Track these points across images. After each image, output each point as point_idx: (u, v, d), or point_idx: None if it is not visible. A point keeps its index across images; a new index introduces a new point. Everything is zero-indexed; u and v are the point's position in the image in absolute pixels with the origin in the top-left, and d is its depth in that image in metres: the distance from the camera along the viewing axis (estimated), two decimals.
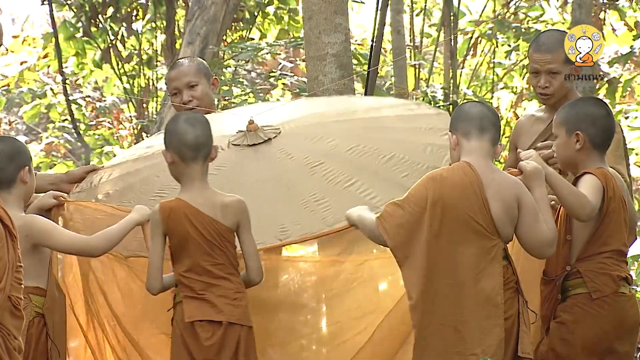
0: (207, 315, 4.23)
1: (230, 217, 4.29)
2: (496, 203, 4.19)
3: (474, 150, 4.24)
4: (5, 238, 3.74)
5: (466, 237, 4.16)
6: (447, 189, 4.17)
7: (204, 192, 4.31)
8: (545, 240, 4.24)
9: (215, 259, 4.27)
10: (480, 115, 4.29)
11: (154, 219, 4.30)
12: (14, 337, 3.77)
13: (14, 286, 3.78)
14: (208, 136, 4.33)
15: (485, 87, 11.50)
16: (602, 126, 4.46)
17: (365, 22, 15.88)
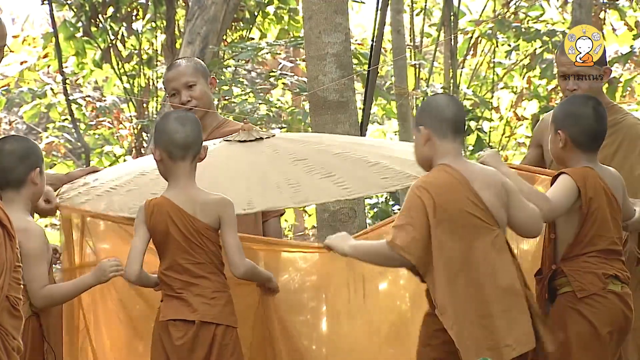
0: (180, 314, 4.24)
1: (210, 214, 4.27)
2: (486, 192, 4.19)
3: (449, 151, 4.23)
4: (3, 238, 3.73)
5: (468, 233, 4.16)
6: (437, 192, 4.16)
7: (188, 191, 4.30)
8: (535, 216, 4.25)
9: (195, 258, 4.27)
10: (455, 117, 4.26)
11: (139, 215, 4.31)
12: (12, 337, 3.77)
13: (13, 286, 3.77)
14: (197, 136, 4.33)
15: (486, 87, 11.50)
16: (586, 126, 4.43)
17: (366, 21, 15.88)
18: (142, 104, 11.19)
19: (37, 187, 4.43)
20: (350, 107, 5.92)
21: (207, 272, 4.28)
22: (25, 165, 4.39)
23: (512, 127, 11.75)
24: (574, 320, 4.37)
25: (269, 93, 10.83)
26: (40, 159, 4.44)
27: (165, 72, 5.43)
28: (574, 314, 4.37)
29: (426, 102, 4.42)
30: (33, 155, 4.42)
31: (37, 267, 4.34)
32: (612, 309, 4.39)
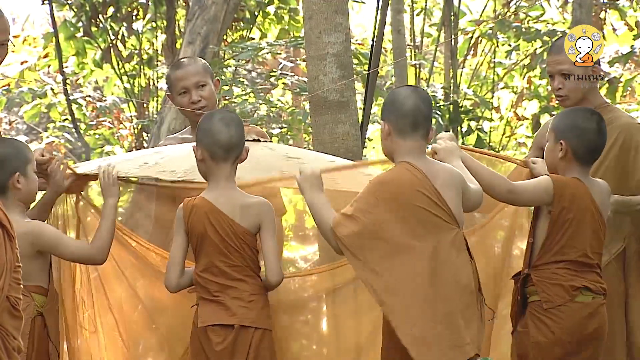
0: (219, 319, 4.22)
1: (250, 218, 4.27)
2: (448, 192, 4.21)
3: (410, 148, 4.23)
4: (2, 238, 3.73)
5: (427, 232, 4.17)
6: (396, 190, 4.17)
7: (228, 192, 4.30)
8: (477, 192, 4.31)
9: (232, 260, 4.25)
10: (413, 111, 4.24)
11: (177, 215, 4.30)
12: (13, 337, 3.77)
13: (13, 286, 3.77)
14: (241, 137, 4.32)
15: (486, 87, 11.50)
16: (588, 140, 4.46)
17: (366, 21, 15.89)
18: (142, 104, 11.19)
19: (22, 191, 4.40)
20: (351, 107, 5.92)
21: (244, 275, 4.27)
22: (4, 172, 4.37)
23: (513, 127, 11.74)
24: (538, 329, 4.41)
25: (270, 93, 10.83)
26: (21, 163, 4.38)
27: (172, 70, 5.38)
28: (539, 323, 4.42)
29: (389, 95, 4.39)
30: (11, 161, 4.38)
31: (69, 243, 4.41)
32: (577, 319, 4.42)
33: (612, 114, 4.87)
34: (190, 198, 4.31)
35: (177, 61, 5.54)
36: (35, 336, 4.38)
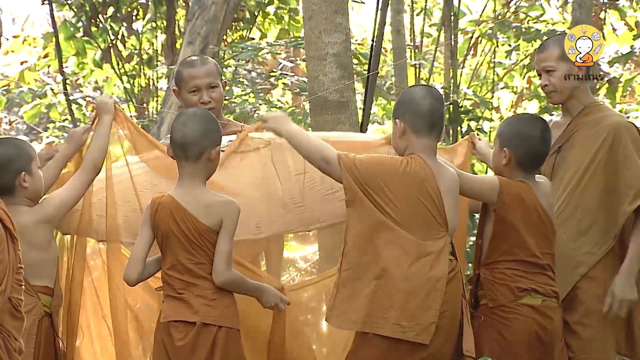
0: (181, 315, 4.24)
1: (213, 217, 4.27)
2: (448, 197, 4.32)
3: (425, 147, 4.34)
4: (5, 240, 3.74)
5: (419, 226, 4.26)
6: (402, 179, 4.27)
7: (193, 190, 4.31)
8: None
9: (196, 258, 4.27)
10: (431, 111, 4.34)
11: (146, 212, 4.33)
12: (14, 338, 3.77)
13: (15, 288, 3.78)
14: (199, 136, 4.32)
15: (486, 87, 11.49)
16: (531, 147, 4.60)
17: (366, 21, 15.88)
18: (143, 104, 11.19)
19: (29, 189, 4.45)
20: (351, 107, 5.92)
21: (207, 273, 4.28)
22: (9, 173, 4.42)
23: None
24: (487, 333, 4.51)
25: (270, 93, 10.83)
26: (25, 162, 4.43)
27: (185, 67, 5.36)
28: (488, 326, 4.51)
29: (403, 94, 4.45)
30: (15, 161, 4.43)
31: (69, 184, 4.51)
32: (525, 322, 4.51)
33: (602, 112, 4.90)
34: (159, 195, 4.33)
35: (190, 58, 5.51)
36: (42, 337, 4.39)
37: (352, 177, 4.28)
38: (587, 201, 4.80)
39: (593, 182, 4.80)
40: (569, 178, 4.84)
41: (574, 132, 4.89)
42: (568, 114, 4.95)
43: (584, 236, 4.81)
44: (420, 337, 4.22)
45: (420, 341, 4.21)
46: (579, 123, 4.89)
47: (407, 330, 4.20)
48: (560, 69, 4.86)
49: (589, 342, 4.76)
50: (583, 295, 4.78)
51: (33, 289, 4.34)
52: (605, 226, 4.80)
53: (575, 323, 4.78)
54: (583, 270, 4.78)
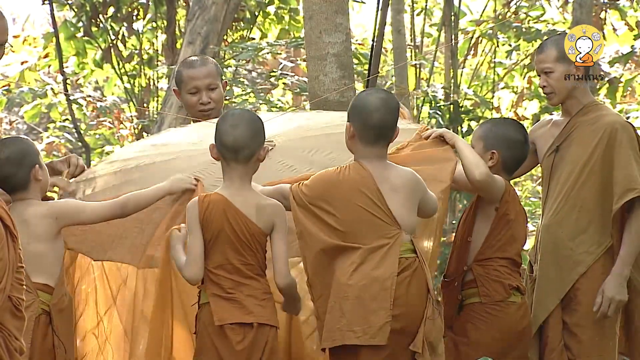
0: (237, 317, 4.19)
1: (265, 219, 4.27)
2: (394, 196, 4.29)
3: (369, 154, 4.34)
4: (5, 238, 3.74)
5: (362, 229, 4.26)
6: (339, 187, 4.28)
7: (243, 192, 4.29)
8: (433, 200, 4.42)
9: (246, 259, 4.25)
10: (380, 125, 4.32)
11: (192, 211, 4.27)
12: (15, 337, 3.77)
13: (15, 287, 3.78)
14: (249, 138, 4.28)
15: (486, 87, 11.50)
16: (518, 152, 4.74)
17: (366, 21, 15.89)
18: (143, 104, 11.19)
19: (41, 182, 4.51)
20: None
21: (256, 274, 4.27)
22: (25, 168, 4.46)
23: None
24: (476, 329, 4.56)
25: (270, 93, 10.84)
26: (36, 155, 4.51)
27: (185, 67, 5.37)
28: (478, 322, 4.57)
29: (358, 100, 4.42)
30: (28, 155, 4.48)
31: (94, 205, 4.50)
32: (512, 319, 4.58)
33: (600, 112, 4.91)
34: (205, 194, 4.30)
35: (190, 59, 5.51)
36: (39, 335, 4.39)
37: (298, 205, 4.31)
38: (584, 200, 4.81)
39: (590, 180, 4.81)
40: (566, 177, 4.85)
41: (572, 131, 4.90)
42: (567, 113, 4.96)
43: (582, 235, 4.81)
44: (375, 339, 4.17)
45: (377, 343, 4.17)
46: (577, 122, 4.90)
47: (361, 334, 4.17)
48: (557, 70, 4.86)
49: (588, 344, 4.75)
50: (582, 296, 4.78)
51: (34, 285, 4.35)
52: (602, 225, 4.80)
53: (574, 325, 4.78)
54: (582, 269, 4.79)
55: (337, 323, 4.18)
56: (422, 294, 4.27)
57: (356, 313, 4.17)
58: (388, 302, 4.18)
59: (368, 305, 4.17)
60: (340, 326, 4.17)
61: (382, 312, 4.17)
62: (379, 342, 4.15)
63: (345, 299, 4.18)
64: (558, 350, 4.76)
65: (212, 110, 5.28)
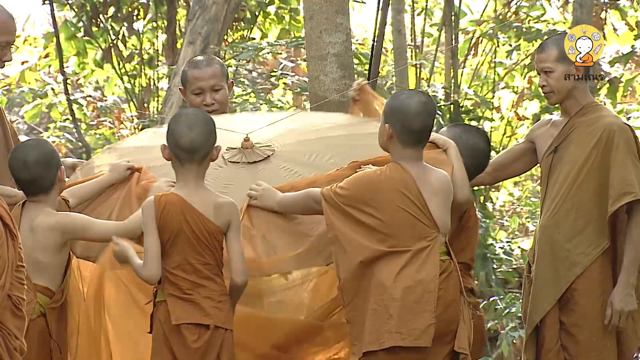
0: (194, 318, 4.22)
1: (223, 217, 4.28)
2: (433, 198, 4.32)
3: (408, 156, 4.37)
4: (5, 237, 3.73)
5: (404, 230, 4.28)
6: (380, 189, 4.29)
7: (199, 191, 4.30)
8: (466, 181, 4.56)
9: (204, 258, 4.26)
10: (422, 129, 4.37)
11: (147, 211, 4.27)
12: (15, 337, 3.77)
13: (15, 285, 3.77)
14: (206, 139, 4.30)
15: (487, 87, 11.49)
16: (479, 161, 4.81)
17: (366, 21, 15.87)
18: (143, 104, 11.18)
19: (63, 183, 4.56)
20: None
21: (213, 274, 4.28)
22: (52, 169, 4.49)
23: (513, 127, 11.73)
24: None
25: (270, 93, 10.83)
26: (58, 156, 4.55)
27: (190, 67, 5.37)
28: None
29: (397, 103, 4.43)
30: (54, 156, 4.52)
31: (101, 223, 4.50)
32: (477, 321, 4.65)
33: (598, 113, 4.91)
34: (161, 194, 4.31)
35: (196, 59, 5.53)
36: (37, 335, 4.39)
37: (332, 208, 4.31)
38: (581, 201, 4.80)
39: (587, 181, 4.80)
40: (564, 178, 4.85)
41: (570, 131, 4.90)
42: (566, 114, 4.96)
43: (578, 236, 4.81)
44: (419, 340, 4.22)
45: (421, 344, 4.22)
46: (576, 123, 4.90)
47: (406, 336, 4.21)
48: (558, 70, 4.86)
49: (585, 345, 4.76)
50: (579, 296, 4.78)
51: (32, 286, 4.35)
52: (600, 227, 4.80)
53: (571, 325, 4.78)
54: (578, 270, 4.78)
55: (384, 325, 4.21)
56: (457, 296, 4.34)
57: (402, 315, 4.21)
58: (432, 305, 4.23)
59: (413, 308, 4.21)
60: (389, 328, 4.20)
61: (426, 314, 4.22)
62: (424, 344, 4.21)
63: (392, 301, 4.21)
64: (555, 351, 4.77)
65: (217, 111, 5.28)
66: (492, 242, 9.54)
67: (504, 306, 7.83)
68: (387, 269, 4.25)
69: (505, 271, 9.19)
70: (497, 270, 9.03)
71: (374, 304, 4.24)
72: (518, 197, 13.49)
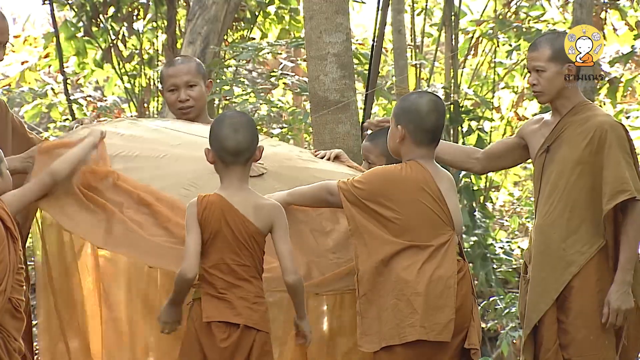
0: (225, 316, 4.23)
1: (263, 219, 4.29)
2: (451, 196, 4.44)
3: (422, 155, 4.45)
4: (6, 239, 3.74)
5: (424, 226, 4.35)
6: (402, 184, 4.36)
7: (242, 192, 4.32)
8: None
9: (242, 260, 4.27)
10: (435, 127, 4.45)
11: (190, 210, 4.29)
12: (14, 338, 3.78)
13: (15, 288, 3.79)
14: (250, 141, 4.32)
15: (486, 87, 11.49)
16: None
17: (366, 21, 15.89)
18: (143, 104, 11.19)
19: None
20: (351, 107, 5.93)
21: (250, 276, 4.29)
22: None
23: (513, 127, 11.74)
24: None
25: (270, 93, 10.83)
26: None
27: (165, 66, 5.44)
28: None
29: (409, 101, 4.49)
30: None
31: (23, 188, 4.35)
32: None
33: (589, 112, 4.88)
34: (205, 194, 4.32)
35: (172, 60, 5.56)
36: None
37: (350, 202, 4.38)
38: (575, 201, 4.80)
39: (581, 181, 4.80)
40: (557, 177, 4.84)
41: (562, 131, 4.88)
42: (558, 113, 4.94)
43: (573, 236, 4.80)
44: (441, 335, 4.30)
45: (442, 339, 4.31)
46: (567, 122, 4.88)
47: (429, 330, 4.29)
48: (549, 69, 4.85)
49: (582, 343, 4.75)
50: (575, 295, 4.78)
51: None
52: (594, 226, 4.80)
53: (569, 324, 4.78)
54: (574, 269, 4.78)
55: (407, 319, 4.28)
56: (469, 294, 4.43)
57: (426, 310, 4.29)
58: (452, 300, 4.32)
59: (435, 303, 4.30)
60: (412, 322, 4.28)
61: (447, 309, 4.31)
62: (445, 339, 4.31)
63: (416, 296, 4.28)
64: (553, 350, 4.76)
65: (192, 109, 5.29)
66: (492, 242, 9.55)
67: (503, 306, 7.83)
68: (408, 264, 4.32)
69: (505, 271, 9.20)
70: (497, 270, 9.04)
71: (394, 299, 4.30)
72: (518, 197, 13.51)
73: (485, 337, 8.72)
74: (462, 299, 4.38)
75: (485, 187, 10.46)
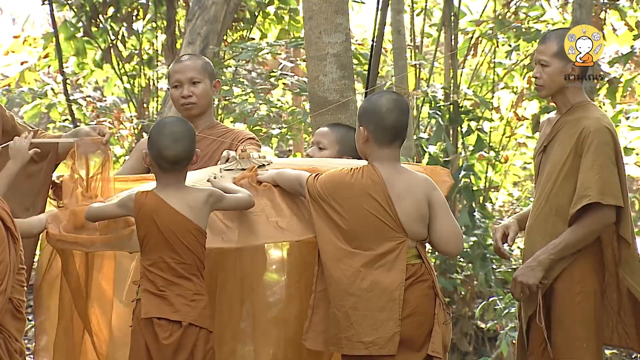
0: (163, 313, 4.26)
1: (200, 212, 4.32)
2: (402, 202, 4.32)
3: (384, 156, 4.39)
4: (7, 240, 3.74)
5: (369, 232, 4.30)
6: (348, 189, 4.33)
7: (179, 192, 4.35)
8: (458, 234, 4.41)
9: (181, 258, 4.30)
10: (395, 125, 4.39)
11: (127, 204, 4.35)
12: (15, 339, 3.78)
13: (16, 288, 3.79)
14: (189, 150, 4.36)
15: (486, 87, 11.48)
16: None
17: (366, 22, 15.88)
18: (143, 104, 11.18)
19: None
20: (351, 107, 5.93)
21: (190, 274, 4.31)
22: None
23: (513, 127, 11.73)
24: None
25: (270, 93, 10.82)
26: None
27: (173, 63, 5.44)
28: None
29: (369, 103, 4.46)
30: None
31: None
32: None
33: (582, 113, 4.84)
34: (142, 192, 4.34)
35: (180, 56, 5.57)
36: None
37: (311, 197, 4.39)
38: (559, 205, 4.76)
39: (565, 184, 4.76)
40: (546, 178, 4.83)
41: (557, 131, 4.87)
42: (559, 111, 4.94)
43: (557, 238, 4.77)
44: (384, 349, 4.24)
45: (386, 353, 4.24)
46: (563, 122, 4.87)
47: (370, 345, 4.22)
48: (553, 65, 4.84)
49: (562, 345, 4.73)
50: (557, 298, 4.76)
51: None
52: None
53: (552, 326, 4.76)
54: (555, 274, 4.75)
55: (345, 332, 4.23)
56: (430, 299, 4.33)
57: (365, 324, 4.22)
58: (397, 313, 4.24)
59: (377, 316, 4.22)
60: (349, 336, 4.23)
61: (391, 322, 4.23)
62: (389, 353, 4.23)
63: (354, 310, 4.23)
64: (538, 353, 4.76)
65: (194, 105, 5.29)
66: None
67: (503, 306, 7.82)
68: (349, 272, 4.27)
69: (504, 271, 9.20)
70: (496, 270, 9.04)
71: (333, 308, 4.27)
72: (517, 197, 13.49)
73: (485, 337, 8.72)
74: (416, 303, 4.30)
75: (484, 187, 10.45)
